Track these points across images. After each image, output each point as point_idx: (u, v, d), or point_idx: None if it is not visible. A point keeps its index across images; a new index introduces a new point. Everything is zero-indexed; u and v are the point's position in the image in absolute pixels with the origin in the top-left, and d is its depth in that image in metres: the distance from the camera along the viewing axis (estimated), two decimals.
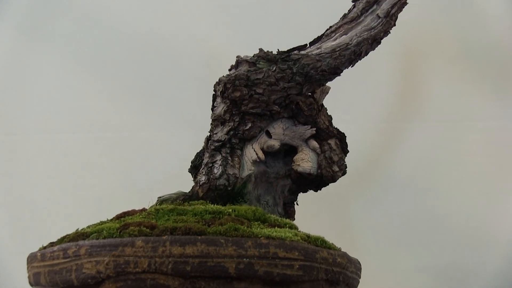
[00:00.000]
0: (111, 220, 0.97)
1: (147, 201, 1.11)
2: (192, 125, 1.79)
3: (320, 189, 1.36)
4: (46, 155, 1.87)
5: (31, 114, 1.89)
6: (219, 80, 1.23)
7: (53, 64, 1.90)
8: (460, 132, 1.86)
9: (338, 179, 1.27)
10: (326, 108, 1.34)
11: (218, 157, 1.18)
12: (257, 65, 1.17)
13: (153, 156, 1.88)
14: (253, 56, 1.20)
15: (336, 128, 1.35)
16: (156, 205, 1.08)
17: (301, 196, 1.39)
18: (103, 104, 1.91)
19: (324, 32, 1.24)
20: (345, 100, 1.81)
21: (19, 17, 1.88)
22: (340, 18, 1.22)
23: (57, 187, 1.84)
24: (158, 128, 1.90)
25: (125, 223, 0.82)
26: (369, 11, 1.17)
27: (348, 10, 1.22)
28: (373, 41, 1.19)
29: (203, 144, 1.32)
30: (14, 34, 1.87)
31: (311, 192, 1.39)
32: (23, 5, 1.86)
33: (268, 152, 1.32)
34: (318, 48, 1.18)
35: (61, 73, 1.91)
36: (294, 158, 1.29)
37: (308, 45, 1.23)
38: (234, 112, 1.20)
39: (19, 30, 1.88)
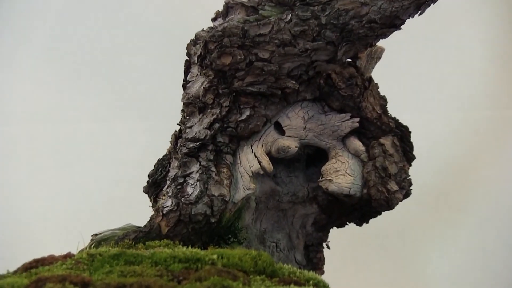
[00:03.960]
0: (15, 272, 0.99)
1: (75, 241, 1.13)
2: (147, 111, 1.80)
3: (367, 222, 1.36)
4: None
5: None
6: (196, 36, 1.24)
7: None
8: None
9: (397, 204, 1.28)
10: (377, 84, 1.35)
11: (194, 167, 1.19)
12: (261, 11, 1.19)
13: (82, 163, 1.87)
14: None
15: (394, 118, 1.35)
16: (91, 247, 1.10)
17: (335, 233, 1.39)
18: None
19: None
20: (412, 73, 1.81)
21: None
22: None
23: None
24: (91, 116, 1.88)
25: (39, 278, 0.83)
26: None
27: None
28: None
29: (169, 145, 1.33)
30: None
31: (352, 227, 1.39)
32: None
33: (279, 159, 1.32)
34: None
35: None
36: (323, 168, 1.30)
37: None
38: (221, 91, 1.21)
39: None
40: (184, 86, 1.28)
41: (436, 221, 1.87)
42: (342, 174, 1.28)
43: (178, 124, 1.30)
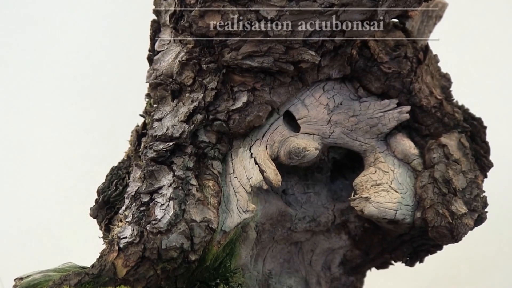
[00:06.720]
0: None
1: None
2: (94, 96, 1.81)
3: (422, 260, 1.38)
4: None
5: None
6: None
7: None
8: None
9: (466, 233, 1.26)
10: (436, 56, 1.36)
11: (166, 180, 1.19)
12: None
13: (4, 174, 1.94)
14: None
15: (462, 106, 1.37)
16: None
17: (374, 276, 1.41)
18: None
19: None
20: (489, 38, 1.82)
21: None
22: None
23: None
24: (6, 104, 1.98)
25: None
26: None
27: None
28: None
29: (128, 146, 1.35)
30: None
31: (399, 267, 1.40)
32: None
33: (292, 168, 1.35)
34: None
35: None
36: (357, 181, 1.32)
37: None
38: (205, 67, 1.23)
39: None
40: (150, 59, 1.29)
41: None
42: (385, 189, 1.26)
43: (141, 115, 1.31)
